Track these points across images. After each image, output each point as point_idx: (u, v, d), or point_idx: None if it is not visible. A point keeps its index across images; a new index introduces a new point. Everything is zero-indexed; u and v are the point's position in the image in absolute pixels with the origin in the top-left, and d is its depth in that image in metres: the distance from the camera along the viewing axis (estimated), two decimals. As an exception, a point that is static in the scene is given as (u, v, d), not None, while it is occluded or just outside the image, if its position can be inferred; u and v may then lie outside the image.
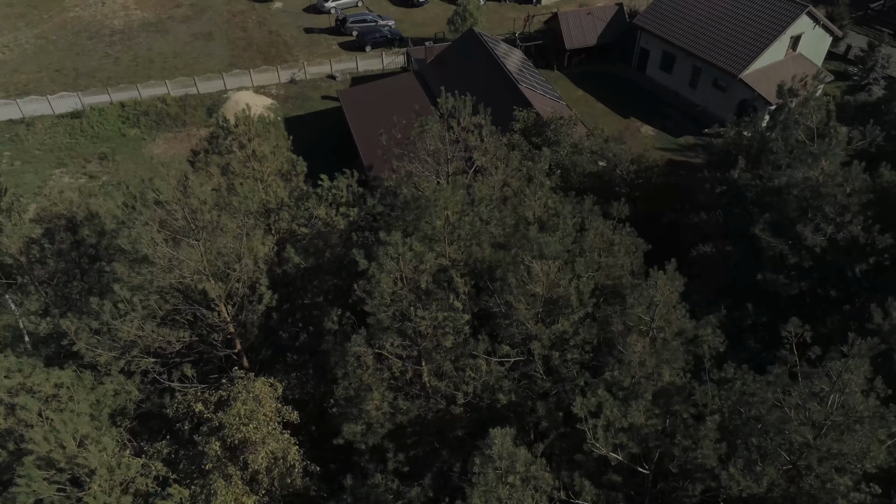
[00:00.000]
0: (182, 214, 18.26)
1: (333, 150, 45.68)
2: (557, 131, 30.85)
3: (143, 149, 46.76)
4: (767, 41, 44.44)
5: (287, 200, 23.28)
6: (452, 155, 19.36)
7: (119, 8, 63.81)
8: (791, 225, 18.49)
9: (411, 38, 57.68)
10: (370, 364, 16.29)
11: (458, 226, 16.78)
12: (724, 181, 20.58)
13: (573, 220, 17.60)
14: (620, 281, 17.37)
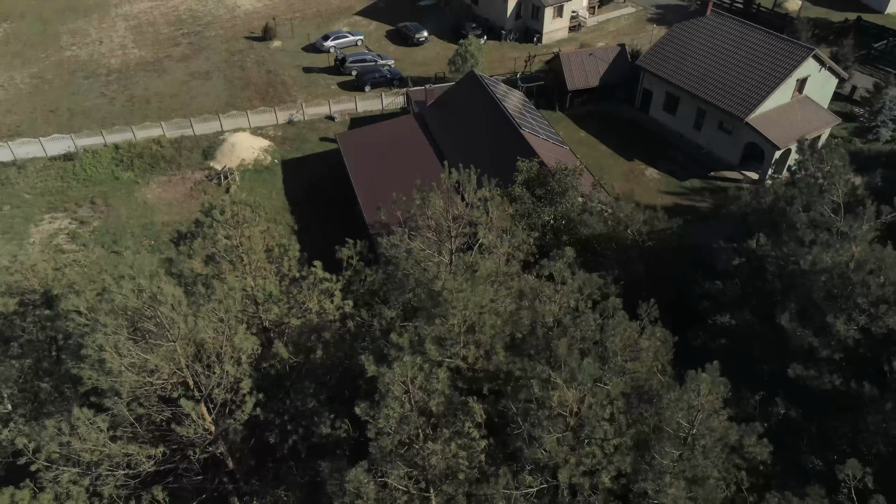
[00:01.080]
0: (153, 320, 16.76)
1: (331, 193, 44.63)
2: (562, 182, 29.74)
3: (137, 192, 45.65)
4: (774, 84, 43.66)
5: (276, 293, 21.58)
6: (457, 232, 18.11)
7: (116, 47, 63.35)
8: (819, 312, 17.13)
9: (411, 78, 57.06)
10: (371, 496, 14.58)
11: (479, 328, 15.39)
12: (742, 252, 19.38)
13: (595, 322, 16.26)
14: (649, 384, 15.95)
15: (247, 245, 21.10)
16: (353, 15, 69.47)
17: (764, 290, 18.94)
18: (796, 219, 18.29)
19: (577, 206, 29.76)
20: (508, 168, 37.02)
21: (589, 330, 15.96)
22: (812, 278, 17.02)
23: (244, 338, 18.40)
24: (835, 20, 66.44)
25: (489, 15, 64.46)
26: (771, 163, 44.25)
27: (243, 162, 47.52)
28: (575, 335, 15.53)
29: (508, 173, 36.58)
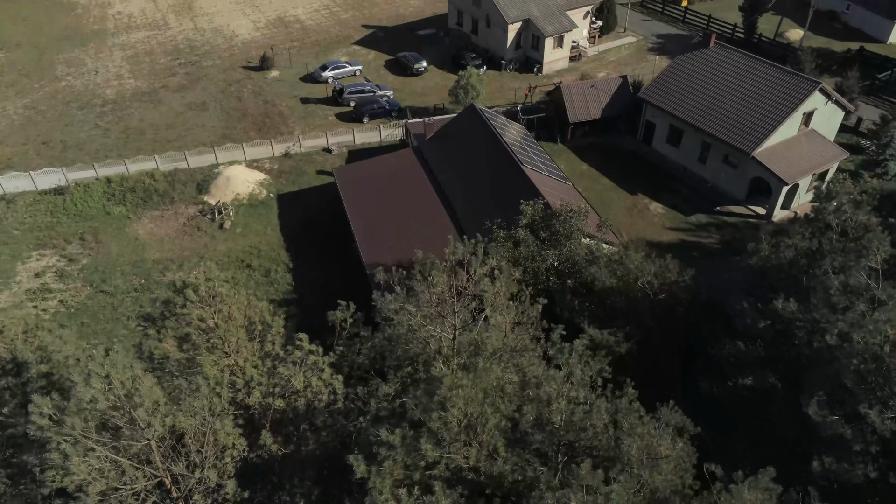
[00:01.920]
0: (127, 418, 15.37)
1: (328, 229, 43.50)
2: (567, 225, 28.59)
3: (128, 228, 44.46)
4: (780, 118, 42.78)
5: (257, 377, 19.91)
6: (460, 308, 16.88)
7: (112, 77, 62.65)
8: (851, 398, 15.74)
9: (410, 109, 56.26)
10: None
11: (480, 428, 14.02)
12: (767, 313, 18.16)
13: (609, 415, 14.93)
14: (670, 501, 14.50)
15: (223, 327, 19.66)
16: (351, 44, 68.98)
17: (789, 354, 17.64)
18: (828, 283, 17.00)
19: (582, 250, 28.59)
20: (510, 206, 35.91)
21: (601, 422, 14.58)
22: (842, 358, 15.69)
23: (229, 434, 16.93)
24: (837, 50, 66.09)
25: (489, 45, 63.93)
26: (778, 198, 43.19)
27: (238, 196, 46.42)
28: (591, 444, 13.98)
29: (510, 211, 35.47)
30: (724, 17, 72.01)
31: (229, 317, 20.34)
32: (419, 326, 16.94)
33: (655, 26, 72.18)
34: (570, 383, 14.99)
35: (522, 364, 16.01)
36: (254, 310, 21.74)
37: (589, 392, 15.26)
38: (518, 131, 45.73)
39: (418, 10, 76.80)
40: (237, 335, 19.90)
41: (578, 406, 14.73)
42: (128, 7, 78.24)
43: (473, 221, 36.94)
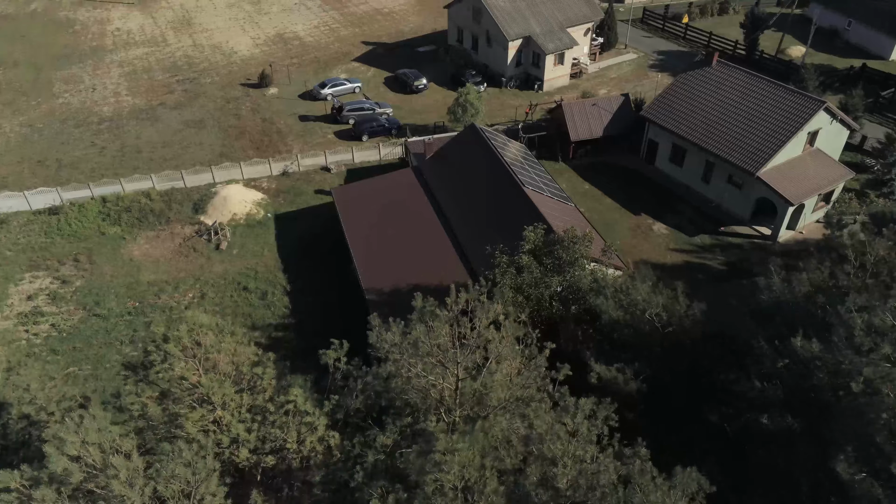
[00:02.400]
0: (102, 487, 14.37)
1: (327, 251, 42.75)
2: (571, 251, 27.87)
3: (123, 249, 43.69)
4: (785, 138, 42.19)
5: (245, 435, 18.84)
6: (463, 358, 16.06)
7: (110, 94, 62.16)
8: (882, 455, 14.83)
9: (410, 126, 55.72)
10: None
11: (478, 494, 13.20)
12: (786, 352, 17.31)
13: (617, 473, 14.09)
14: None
15: (207, 385, 18.61)
16: (351, 61, 68.62)
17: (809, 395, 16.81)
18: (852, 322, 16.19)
19: (586, 277, 27.84)
20: (511, 228, 35.20)
21: (609, 481, 13.71)
22: (870, 413, 14.80)
23: (215, 495, 15.93)
24: (839, 67, 65.67)
25: (489, 62, 63.54)
26: (784, 219, 42.50)
27: (235, 216, 45.70)
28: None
29: (511, 234, 34.75)
30: (725, 33, 71.72)
31: (215, 366, 19.23)
32: (419, 377, 16.10)
33: (657, 43, 71.88)
34: (576, 440, 14.15)
35: (529, 415, 15.23)
36: (242, 356, 20.65)
37: (595, 449, 14.43)
38: (519, 150, 45.12)
39: (418, 26, 76.55)
40: (223, 390, 18.92)
41: (585, 465, 13.91)
42: (126, 24, 77.97)
43: (474, 244, 36.22)
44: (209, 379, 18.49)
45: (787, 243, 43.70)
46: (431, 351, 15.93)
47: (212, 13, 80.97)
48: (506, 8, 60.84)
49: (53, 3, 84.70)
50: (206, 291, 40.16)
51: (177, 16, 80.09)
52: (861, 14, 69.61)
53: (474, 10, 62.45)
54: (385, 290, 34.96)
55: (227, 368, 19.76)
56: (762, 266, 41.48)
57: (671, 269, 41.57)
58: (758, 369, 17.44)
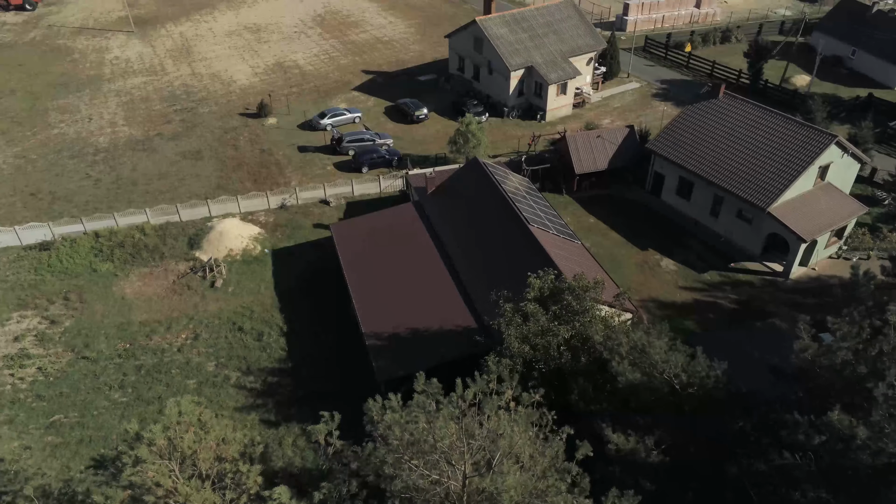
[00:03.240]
0: None
1: (325, 288, 41.44)
2: (581, 300, 26.57)
3: (115, 286, 42.34)
4: (796, 173, 41.13)
5: None
6: (471, 455, 14.71)
7: (106, 125, 61.27)
8: None
9: (410, 157, 54.74)
10: None
11: None
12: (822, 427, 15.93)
13: None
14: None
15: (184, 493, 16.99)
16: (350, 90, 67.87)
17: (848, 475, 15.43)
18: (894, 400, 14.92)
19: (598, 325, 26.50)
20: (517, 269, 33.94)
21: None
22: None
23: None
24: (844, 96, 65.09)
25: (490, 91, 62.77)
26: (797, 255, 41.28)
27: (231, 252, 44.45)
28: None
29: (517, 275, 33.46)
30: (729, 62, 71.20)
31: (195, 463, 17.49)
32: (423, 477, 14.67)
33: (659, 72, 71.28)
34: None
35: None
36: (228, 448, 18.95)
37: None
38: (523, 184, 44.01)
39: (419, 54, 76.02)
40: (202, 496, 17.34)
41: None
42: (125, 52, 77.44)
43: (478, 285, 34.94)
44: (186, 486, 16.95)
45: (799, 280, 42.43)
46: (435, 448, 14.51)
47: (211, 41, 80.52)
48: (507, 38, 60.22)
49: (52, 31, 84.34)
50: (200, 332, 38.76)
51: (176, 44, 79.61)
52: (865, 43, 69.14)
53: (475, 40, 61.84)
54: (386, 333, 33.58)
55: (207, 465, 18.17)
56: (775, 305, 40.47)
57: (681, 308, 40.28)
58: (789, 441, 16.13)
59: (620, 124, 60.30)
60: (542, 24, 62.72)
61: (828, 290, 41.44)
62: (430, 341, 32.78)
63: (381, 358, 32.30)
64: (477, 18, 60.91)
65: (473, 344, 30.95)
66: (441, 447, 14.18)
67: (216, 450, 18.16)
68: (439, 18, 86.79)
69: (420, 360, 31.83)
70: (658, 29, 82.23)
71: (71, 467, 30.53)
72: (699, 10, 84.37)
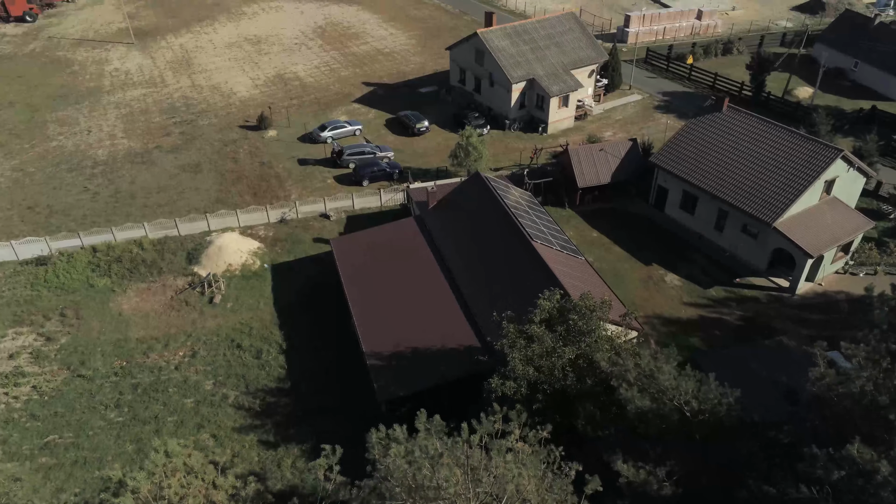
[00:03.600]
0: None
1: (325, 304, 40.88)
2: (587, 318, 26.00)
3: (112, 302, 41.77)
4: (802, 188, 40.66)
5: None
6: (476, 499, 14.11)
7: (105, 137, 60.88)
8: None
9: (411, 170, 54.32)
10: None
11: None
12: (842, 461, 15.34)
13: None
14: None
15: None
16: (351, 102, 67.54)
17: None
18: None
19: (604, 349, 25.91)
20: (519, 286, 33.44)
21: None
22: None
23: None
24: (847, 108, 64.79)
25: (492, 104, 62.43)
26: (803, 271, 40.74)
27: (230, 267, 43.90)
28: None
29: (519, 292, 32.97)
30: (730, 74, 70.96)
31: None
32: None
33: (661, 83, 71.01)
34: None
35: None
36: (218, 494, 18.21)
37: None
38: (525, 199, 43.51)
39: (420, 66, 75.78)
40: None
41: None
42: (125, 64, 77.20)
43: (481, 303, 34.39)
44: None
45: (806, 296, 41.87)
46: (440, 493, 13.88)
47: (211, 53, 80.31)
48: (509, 50, 59.93)
49: (52, 42, 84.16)
50: (198, 349, 38.16)
51: (176, 56, 79.39)
52: (868, 55, 68.92)
53: (477, 53, 61.57)
54: (386, 352, 32.98)
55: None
56: (781, 321, 39.88)
57: (686, 325, 39.70)
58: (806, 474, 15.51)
59: (623, 137, 59.98)
60: (543, 36, 62.48)
61: (835, 306, 40.97)
62: (431, 360, 32.19)
63: (381, 377, 31.70)
64: (478, 31, 60.67)
65: (476, 363, 30.37)
66: (446, 493, 13.59)
67: (205, 494, 17.49)
68: (440, 30, 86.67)
69: (421, 379, 31.31)
70: (659, 41, 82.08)
71: (63, 493, 29.87)
72: (700, 21, 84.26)
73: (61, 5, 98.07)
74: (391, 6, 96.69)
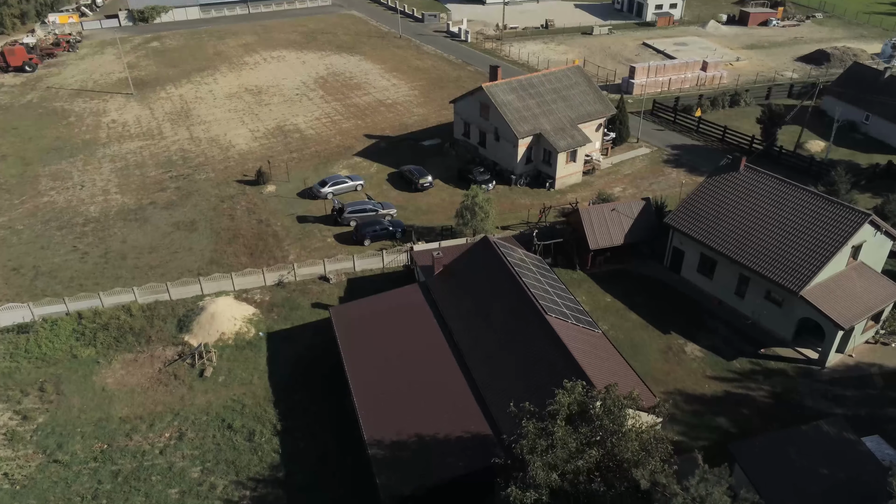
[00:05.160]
0: None
1: (324, 377, 38.19)
2: (615, 418, 23.42)
3: (96, 375, 39.02)
4: (829, 254, 38.46)
5: None
6: None
7: (98, 192, 58.96)
8: None
9: (415, 229, 52.22)
10: None
11: None
12: None
13: None
14: None
15: None
16: (353, 155, 65.91)
17: None
18: None
19: (633, 448, 23.27)
20: (535, 369, 30.94)
21: None
22: None
23: None
24: (861, 162, 63.27)
25: (497, 158, 60.75)
26: (833, 343, 38.23)
27: (223, 336, 41.32)
28: None
29: (536, 376, 30.44)
30: (739, 126, 69.66)
31: None
32: None
33: (669, 136, 69.56)
34: None
35: None
36: None
37: None
38: (536, 264, 41.18)
39: (422, 118, 74.49)
40: None
41: None
42: (123, 115, 75.92)
43: (493, 386, 31.77)
44: None
45: (836, 368, 39.26)
46: None
47: (211, 104, 79.16)
48: (515, 105, 58.51)
49: (50, 93, 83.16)
50: (186, 430, 35.29)
51: (175, 107, 78.19)
52: (879, 108, 67.69)
53: (482, 106, 60.17)
54: (390, 440, 30.19)
55: None
56: (813, 399, 37.14)
57: (710, 402, 36.97)
58: None
59: (632, 192, 58.18)
60: (550, 90, 61.19)
61: (868, 381, 38.40)
62: (439, 450, 29.39)
63: (384, 471, 28.83)
64: (483, 85, 59.36)
65: (489, 455, 27.63)
66: None
67: None
68: (443, 81, 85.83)
69: (429, 474, 28.47)
70: (665, 92, 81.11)
71: None
72: (706, 73, 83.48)
73: (62, 55, 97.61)
74: (393, 56, 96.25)
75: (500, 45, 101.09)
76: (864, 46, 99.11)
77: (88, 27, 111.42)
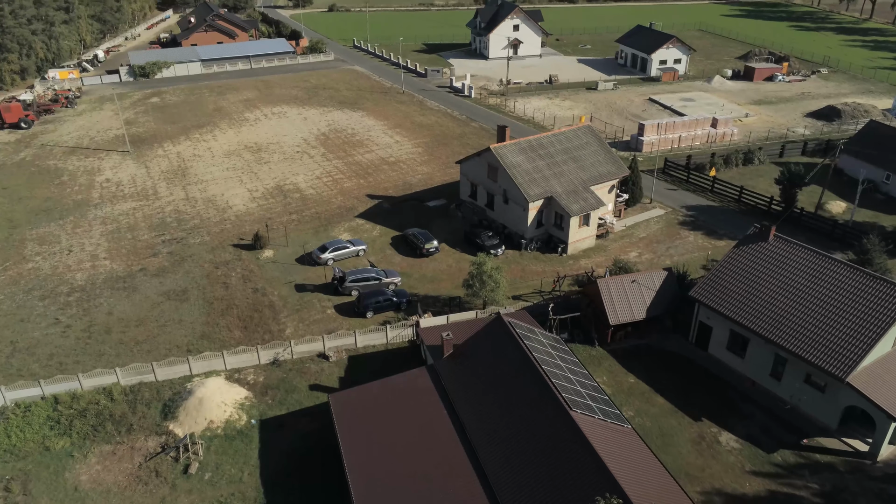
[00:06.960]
0: None
1: (321, 472, 34.37)
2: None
3: (69, 472, 35.16)
4: (875, 335, 35.18)
5: None
6: None
7: (86, 258, 55.93)
8: None
9: (420, 298, 49.00)
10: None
11: None
12: None
13: None
14: None
15: None
16: (354, 217, 63.18)
17: None
18: None
19: None
20: (561, 476, 27.24)
21: None
22: None
23: None
24: (885, 224, 60.52)
25: (506, 221, 57.97)
26: (886, 434, 34.57)
27: (211, 424, 37.62)
28: None
29: (559, 481, 26.76)
30: (755, 185, 67.37)
31: None
32: None
33: (683, 196, 67.03)
34: None
35: None
36: None
37: None
38: (555, 348, 37.75)
39: (427, 177, 72.12)
40: None
41: None
42: (118, 174, 73.60)
43: (511, 492, 27.99)
44: None
45: (889, 462, 35.48)
46: None
47: (209, 162, 76.97)
48: (525, 167, 56.06)
49: (45, 150, 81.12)
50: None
51: (172, 165, 75.95)
52: (900, 167, 65.33)
53: (490, 168, 57.74)
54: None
55: None
56: (867, 499, 33.34)
57: (753, 503, 33.06)
58: None
59: (649, 257, 55.24)
60: (560, 150, 58.89)
61: (926, 478, 34.54)
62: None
63: None
64: (491, 146, 57.02)
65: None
66: None
67: None
68: (447, 138, 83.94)
69: None
70: (675, 149, 79.07)
71: None
72: (716, 129, 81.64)
73: (60, 111, 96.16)
74: (396, 112, 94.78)
75: (505, 100, 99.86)
76: (874, 102, 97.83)
77: (89, 83, 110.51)
